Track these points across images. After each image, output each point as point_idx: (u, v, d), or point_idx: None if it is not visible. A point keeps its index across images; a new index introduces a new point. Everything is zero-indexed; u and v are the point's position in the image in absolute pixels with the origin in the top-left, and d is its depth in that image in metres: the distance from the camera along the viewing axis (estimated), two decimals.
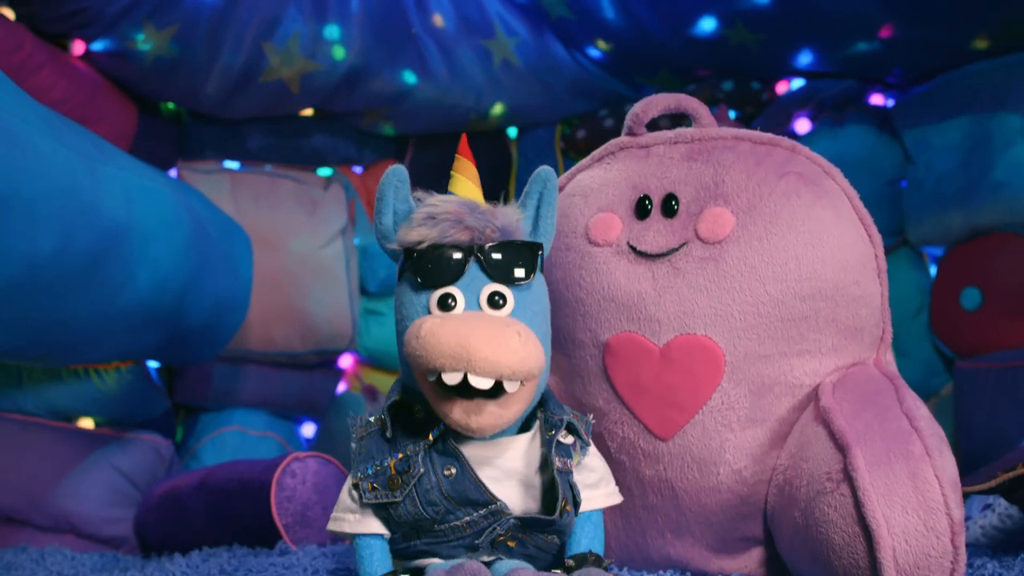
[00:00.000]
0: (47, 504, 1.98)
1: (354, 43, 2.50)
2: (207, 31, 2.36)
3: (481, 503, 1.04)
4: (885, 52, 2.32)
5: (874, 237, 1.30)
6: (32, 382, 1.99)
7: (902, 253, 2.46)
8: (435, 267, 1.03)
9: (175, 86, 2.48)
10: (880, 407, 1.18)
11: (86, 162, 1.45)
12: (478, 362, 0.94)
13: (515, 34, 2.57)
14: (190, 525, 1.82)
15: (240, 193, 2.63)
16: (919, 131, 2.36)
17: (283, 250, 2.57)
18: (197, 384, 2.59)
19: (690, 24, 2.37)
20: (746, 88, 2.62)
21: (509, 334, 0.97)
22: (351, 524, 1.08)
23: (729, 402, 1.26)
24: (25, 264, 1.28)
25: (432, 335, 0.96)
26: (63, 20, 2.19)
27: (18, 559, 1.72)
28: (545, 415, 1.12)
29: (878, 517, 1.07)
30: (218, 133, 2.70)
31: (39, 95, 2.05)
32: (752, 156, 1.32)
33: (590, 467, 1.15)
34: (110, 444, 2.09)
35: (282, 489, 1.68)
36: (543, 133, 2.86)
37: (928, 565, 1.06)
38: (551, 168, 1.16)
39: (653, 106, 1.40)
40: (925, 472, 1.08)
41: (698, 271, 1.26)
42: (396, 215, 1.09)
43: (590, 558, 1.07)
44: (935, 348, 2.39)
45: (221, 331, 2.20)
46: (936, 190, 2.31)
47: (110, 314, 1.60)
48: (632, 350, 1.29)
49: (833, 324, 1.27)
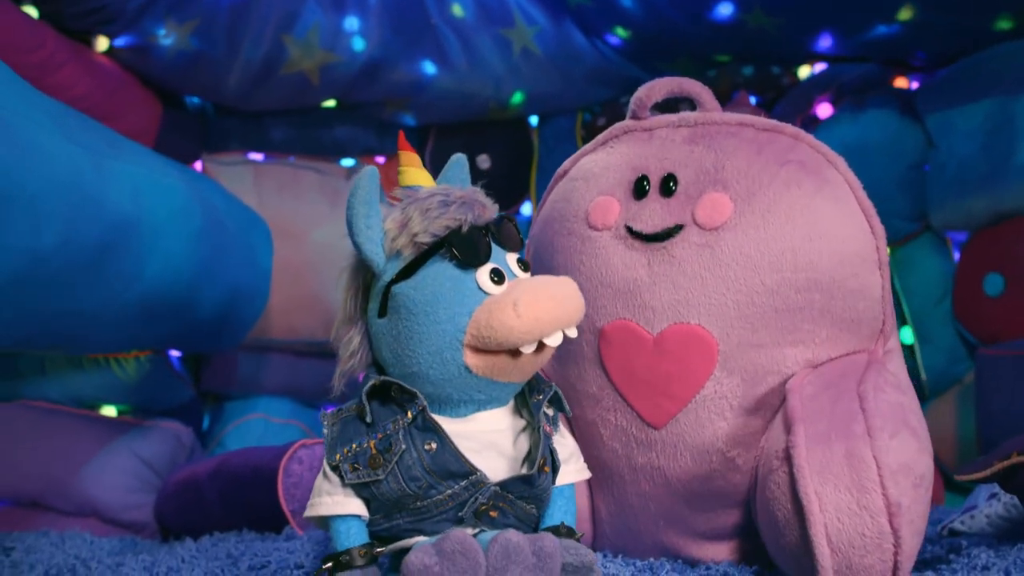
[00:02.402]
0: (70, 490, 2.04)
1: (373, 34, 2.53)
2: (227, 25, 2.39)
3: (461, 474, 1.05)
4: (906, 34, 2.28)
5: (876, 229, 1.27)
6: (56, 371, 2.05)
7: (925, 239, 2.43)
8: (476, 246, 1.06)
9: (197, 80, 2.53)
10: (838, 389, 1.17)
11: (93, 157, 1.48)
12: (574, 315, 1.06)
13: (534, 23, 2.57)
14: (206, 511, 1.86)
15: (263, 184, 2.67)
16: (941, 115, 2.32)
17: (305, 240, 2.61)
18: (223, 373, 2.64)
19: (707, 9, 2.35)
20: (766, 73, 2.60)
21: (573, 285, 1.07)
22: (328, 506, 1.09)
23: (722, 391, 1.26)
24: (29, 257, 1.32)
25: (532, 306, 1.01)
26: (85, 17, 2.24)
27: (39, 542, 1.76)
28: (530, 381, 1.13)
29: (810, 493, 1.07)
30: (241, 126, 2.74)
31: (61, 92, 2.10)
32: (754, 143, 1.30)
33: (563, 442, 1.17)
34: (131, 431, 2.14)
35: (289, 476, 1.71)
36: (564, 121, 2.86)
37: (863, 545, 1.05)
38: (463, 155, 1.22)
39: (656, 90, 1.39)
40: (862, 451, 1.08)
41: (694, 259, 1.25)
42: (376, 216, 1.10)
43: (562, 530, 1.10)
44: (958, 335, 2.35)
45: (240, 320, 2.24)
46: (958, 174, 2.27)
47: (120, 305, 1.64)
48: (626, 338, 1.29)
49: (828, 315, 1.25)
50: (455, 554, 0.95)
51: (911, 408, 1.20)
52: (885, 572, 1.08)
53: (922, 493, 1.13)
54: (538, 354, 1.05)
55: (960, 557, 1.30)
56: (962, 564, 1.24)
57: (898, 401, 1.18)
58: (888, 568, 1.08)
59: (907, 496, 1.08)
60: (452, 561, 0.95)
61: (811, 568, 1.08)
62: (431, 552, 0.95)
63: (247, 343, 2.56)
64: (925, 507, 1.15)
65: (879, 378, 1.20)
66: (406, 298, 1.06)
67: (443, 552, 0.95)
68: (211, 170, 2.67)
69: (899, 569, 1.08)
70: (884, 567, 1.08)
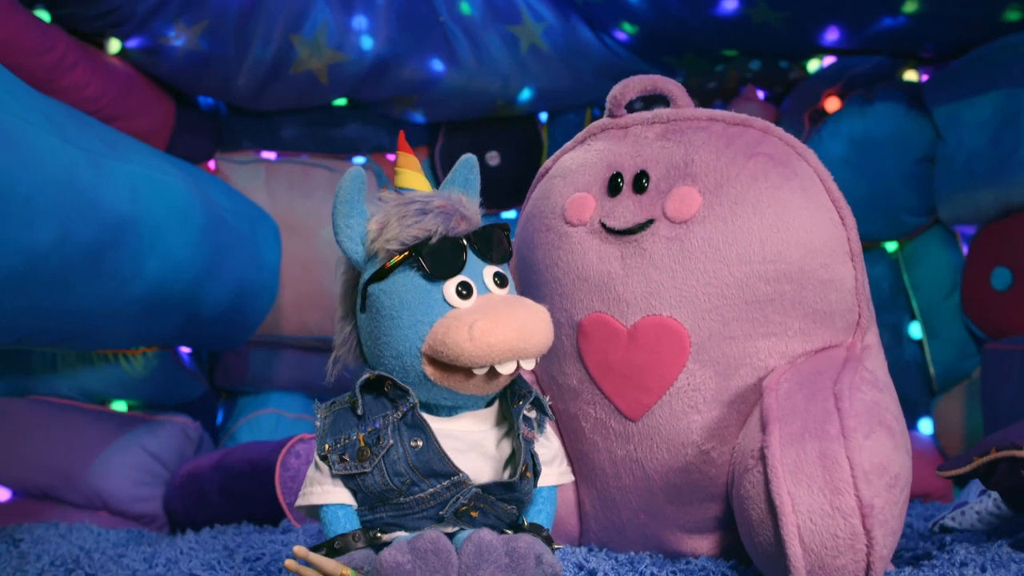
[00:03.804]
0: (81, 483, 2.09)
1: (381, 32, 2.55)
2: (236, 25, 2.42)
3: (444, 474, 1.07)
4: (913, 27, 2.26)
5: (847, 220, 1.28)
6: (66, 367, 2.10)
7: (934, 232, 2.40)
8: (447, 258, 1.06)
9: (207, 80, 2.56)
10: (813, 387, 1.17)
11: (90, 157, 1.51)
12: (531, 348, 1.03)
13: (542, 19, 2.58)
14: (208, 504, 1.90)
15: (274, 183, 2.70)
16: (949, 107, 2.30)
17: (315, 237, 2.63)
18: (235, 368, 2.68)
19: (711, 4, 2.34)
20: (774, 67, 2.59)
21: (542, 313, 1.05)
22: (318, 495, 1.12)
23: (695, 383, 1.27)
24: (24, 255, 1.35)
25: (488, 334, 1.00)
26: (97, 19, 2.28)
27: (47, 534, 1.81)
28: (512, 387, 1.14)
29: (783, 494, 1.08)
30: (254, 125, 2.77)
31: (73, 92, 2.15)
32: (723, 137, 1.31)
33: (547, 444, 1.18)
34: (140, 426, 2.19)
35: (286, 469, 1.74)
36: (572, 117, 2.86)
37: (836, 546, 1.06)
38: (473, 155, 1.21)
39: (630, 88, 1.41)
40: (836, 453, 1.08)
41: (664, 252, 1.26)
42: (360, 217, 1.12)
43: (528, 527, 1.12)
44: (967, 329, 2.33)
45: (247, 316, 2.27)
46: (966, 167, 2.25)
47: (120, 302, 1.67)
48: (602, 331, 1.31)
49: (799, 307, 1.26)
50: (428, 553, 0.97)
51: (888, 406, 1.19)
52: (858, 572, 1.08)
53: (897, 493, 1.12)
54: (491, 379, 1.05)
55: (942, 553, 1.29)
56: (942, 560, 1.24)
57: (874, 399, 1.18)
58: (861, 568, 1.08)
59: (880, 497, 1.08)
60: (424, 560, 0.97)
61: (784, 568, 1.09)
62: (405, 550, 0.98)
63: (259, 339, 2.60)
64: (901, 507, 1.15)
65: (855, 376, 1.20)
66: (377, 299, 1.08)
67: (416, 550, 0.97)
68: (224, 168, 2.71)
69: (872, 569, 1.08)
70: (857, 567, 1.08)
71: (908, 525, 1.67)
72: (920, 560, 1.31)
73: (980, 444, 1.31)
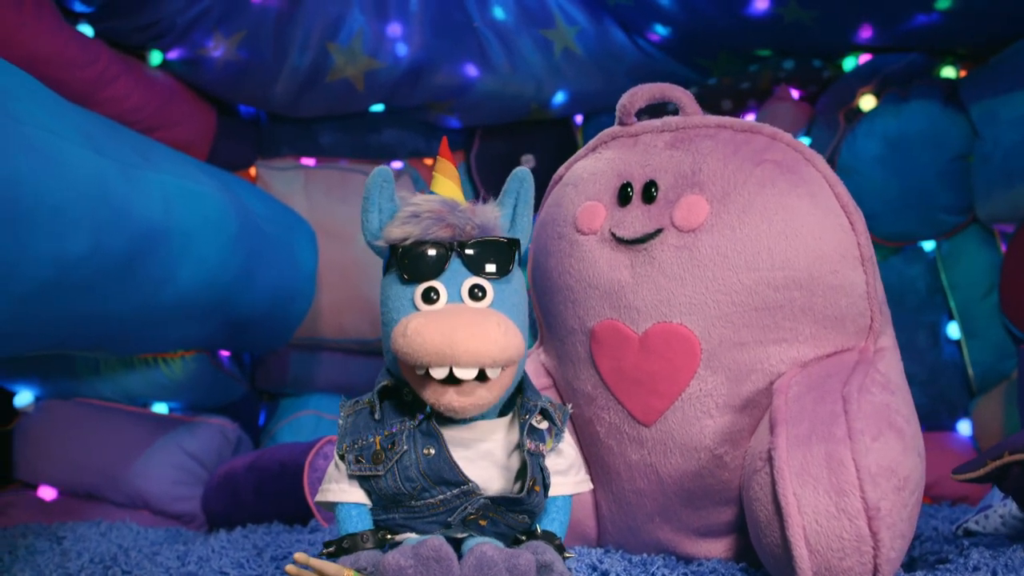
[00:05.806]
0: (122, 482, 2.16)
1: (415, 39, 2.58)
2: (273, 35, 2.48)
3: (454, 483, 1.09)
4: (948, 23, 2.23)
5: (856, 225, 1.27)
6: (109, 370, 2.16)
7: (972, 231, 2.36)
8: (419, 262, 1.09)
9: (245, 89, 2.62)
10: (822, 390, 1.17)
11: (121, 168, 1.57)
12: (462, 355, 1.01)
13: (575, 23, 2.59)
14: (242, 503, 1.95)
15: (312, 188, 2.75)
16: (985, 104, 2.26)
17: (352, 242, 2.67)
18: (275, 371, 2.74)
19: (742, 4, 2.34)
20: (808, 66, 2.56)
21: (490, 325, 1.03)
22: (335, 493, 1.15)
23: (707, 389, 1.27)
24: (56, 265, 1.40)
25: (417, 334, 1.02)
26: (138, 32, 2.35)
27: (89, 532, 1.88)
28: (521, 400, 1.16)
29: (788, 496, 1.08)
30: (292, 132, 2.83)
31: (115, 103, 2.22)
32: (731, 144, 1.31)
33: (562, 454, 1.18)
34: (179, 428, 2.25)
35: (314, 470, 1.78)
36: (607, 119, 2.83)
37: (842, 548, 1.06)
38: (527, 169, 1.20)
39: (638, 97, 1.42)
40: (842, 454, 1.08)
41: (673, 260, 1.27)
42: (382, 214, 1.15)
43: (540, 535, 1.12)
44: (1006, 330, 2.29)
45: (284, 320, 2.31)
46: (1004, 165, 2.21)
47: (153, 309, 1.72)
48: (614, 337, 1.32)
49: (810, 313, 1.26)
50: (430, 560, 0.99)
51: (898, 409, 1.19)
52: (864, 574, 1.08)
53: (906, 496, 1.12)
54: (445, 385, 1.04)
55: (959, 557, 1.29)
56: (957, 564, 1.23)
57: (884, 402, 1.17)
58: (868, 570, 1.08)
59: (888, 499, 1.08)
60: (426, 566, 0.99)
61: (791, 569, 1.09)
62: (408, 555, 1.00)
63: (298, 342, 2.65)
64: (911, 510, 1.14)
65: (865, 379, 1.19)
66: (381, 293, 1.13)
67: (419, 556, 1.00)
68: (264, 175, 2.77)
69: (879, 571, 1.08)
70: (863, 569, 1.08)
71: (935, 528, 1.66)
72: (940, 564, 1.30)
73: (994, 447, 1.30)
